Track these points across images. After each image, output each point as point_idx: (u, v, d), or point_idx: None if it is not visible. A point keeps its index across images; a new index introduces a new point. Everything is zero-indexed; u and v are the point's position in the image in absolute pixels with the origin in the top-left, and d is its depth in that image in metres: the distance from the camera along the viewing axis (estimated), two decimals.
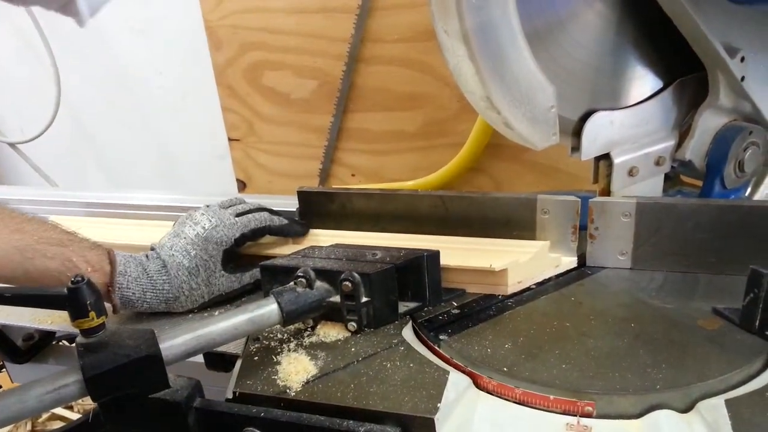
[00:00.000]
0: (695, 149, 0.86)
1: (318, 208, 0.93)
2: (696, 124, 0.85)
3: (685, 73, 0.85)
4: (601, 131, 0.81)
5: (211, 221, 0.80)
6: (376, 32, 1.37)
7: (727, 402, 0.54)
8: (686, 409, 0.56)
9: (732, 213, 0.73)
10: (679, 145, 0.87)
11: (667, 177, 0.90)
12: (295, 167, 1.61)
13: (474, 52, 0.68)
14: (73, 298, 0.55)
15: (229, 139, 1.65)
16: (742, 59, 0.80)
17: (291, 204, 0.95)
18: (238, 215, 0.83)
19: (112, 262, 0.74)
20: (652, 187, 0.87)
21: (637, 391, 0.56)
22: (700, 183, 0.89)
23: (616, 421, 0.56)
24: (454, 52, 0.69)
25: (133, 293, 0.75)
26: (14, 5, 0.54)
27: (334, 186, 1.56)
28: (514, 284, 0.75)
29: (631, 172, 0.84)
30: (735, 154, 0.85)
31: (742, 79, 0.81)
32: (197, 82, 1.63)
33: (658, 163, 0.86)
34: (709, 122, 0.85)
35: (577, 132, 0.80)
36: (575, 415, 0.57)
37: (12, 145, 1.95)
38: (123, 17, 1.68)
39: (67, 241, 0.73)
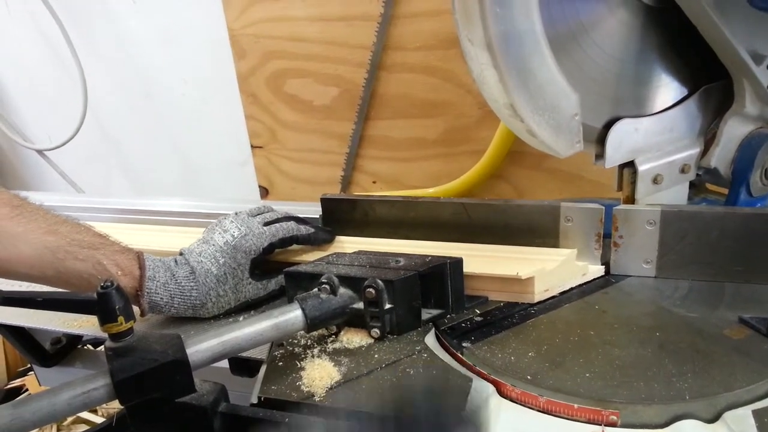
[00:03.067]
0: (720, 157, 0.85)
1: (341, 215, 0.93)
2: (721, 131, 0.84)
3: (711, 80, 0.85)
4: (626, 138, 0.80)
5: (240, 230, 0.81)
6: (397, 40, 1.37)
7: (755, 412, 0.53)
8: (712, 420, 0.55)
9: (758, 221, 0.73)
10: (704, 152, 0.86)
11: (692, 185, 0.89)
12: (316, 174, 1.62)
13: (498, 60, 0.68)
14: (103, 302, 0.56)
15: (252, 146, 1.66)
16: None
17: (313, 211, 0.96)
18: (267, 224, 0.83)
19: (141, 267, 0.75)
20: (676, 194, 0.86)
21: (663, 400, 0.56)
22: (725, 191, 0.88)
23: (641, 430, 0.56)
24: (478, 60, 0.69)
25: (161, 298, 0.76)
26: None
27: (355, 193, 1.57)
28: (540, 292, 0.75)
29: (656, 180, 0.83)
30: (761, 161, 0.84)
31: None
32: (221, 90, 1.65)
33: (683, 171, 0.86)
34: (734, 130, 0.84)
35: (601, 139, 0.80)
36: (600, 425, 0.56)
37: (40, 152, 1.99)
38: (148, 26, 1.70)
39: (98, 244, 0.74)
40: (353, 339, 0.70)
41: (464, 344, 0.67)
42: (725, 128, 0.84)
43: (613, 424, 0.56)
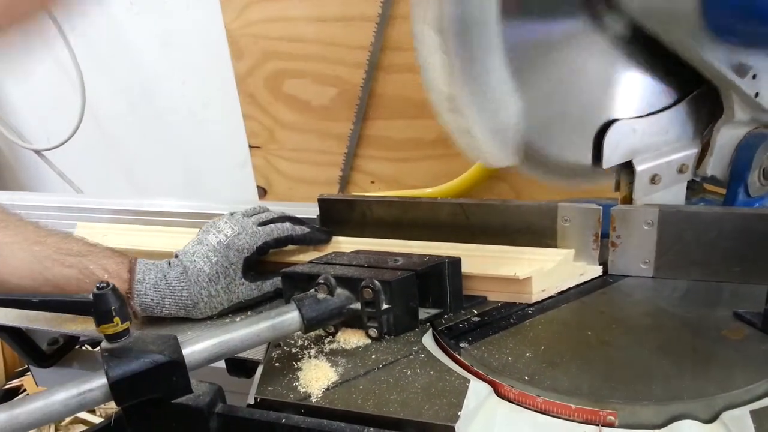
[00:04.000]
0: (716, 165, 0.84)
1: (338, 215, 0.93)
2: (714, 141, 0.83)
3: (701, 85, 0.84)
4: (623, 139, 0.80)
5: (233, 229, 0.81)
6: (396, 40, 1.37)
7: (752, 413, 0.53)
8: (710, 420, 0.55)
9: (756, 221, 0.72)
10: (699, 161, 0.86)
11: (690, 185, 0.89)
12: (315, 174, 1.62)
13: (448, 45, 0.63)
14: (98, 303, 0.56)
15: (250, 147, 1.66)
16: (754, 76, 0.78)
17: (311, 211, 0.96)
18: (262, 224, 0.83)
19: (131, 270, 0.76)
20: (674, 195, 0.86)
21: (660, 400, 0.56)
22: (723, 191, 0.88)
23: (639, 431, 0.55)
24: (427, 42, 0.64)
25: (151, 299, 0.76)
26: None
27: (353, 193, 1.56)
28: (538, 292, 0.75)
29: (654, 180, 0.83)
30: (759, 161, 0.84)
31: (756, 95, 0.79)
32: (219, 91, 1.65)
33: (680, 171, 0.85)
34: (728, 138, 0.83)
35: (598, 141, 0.80)
36: (597, 425, 0.56)
37: (38, 152, 1.99)
38: (146, 26, 1.70)
39: (86, 251, 0.76)
40: (350, 339, 0.70)
41: (461, 345, 0.67)
42: (718, 137, 0.83)
43: (610, 425, 0.56)
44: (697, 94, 0.83)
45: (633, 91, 0.81)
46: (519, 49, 0.70)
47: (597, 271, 0.80)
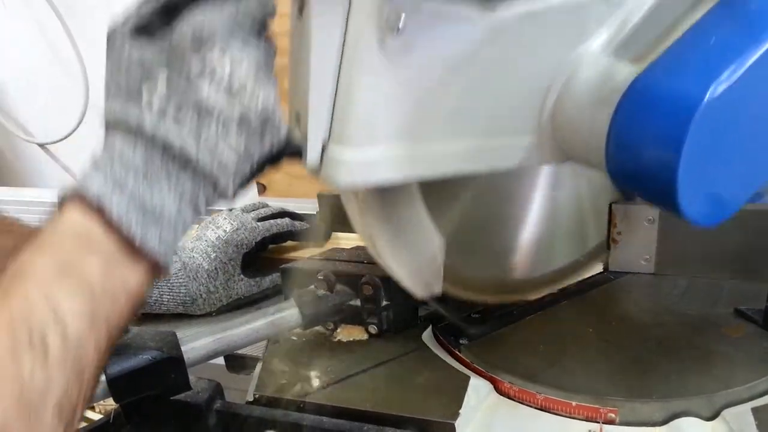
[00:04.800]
0: None
1: (338, 211, 0.93)
2: None
3: None
4: None
5: (232, 225, 0.80)
6: None
7: (754, 410, 0.53)
8: (711, 417, 0.55)
9: (758, 218, 0.72)
10: None
11: None
12: None
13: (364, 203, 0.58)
14: None
15: None
16: None
17: (310, 207, 0.95)
18: (260, 219, 0.83)
19: None
20: None
21: (661, 397, 0.56)
22: None
23: (640, 428, 0.55)
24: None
25: (149, 295, 0.76)
26: None
27: None
28: None
29: None
30: None
31: None
32: None
33: None
34: None
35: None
36: (598, 422, 0.56)
37: (41, 145, 1.98)
38: None
39: None
40: (350, 336, 0.70)
41: (462, 341, 0.67)
42: None
43: (611, 422, 0.56)
44: None
45: None
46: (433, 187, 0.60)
47: (597, 267, 0.79)
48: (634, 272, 0.79)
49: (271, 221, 0.83)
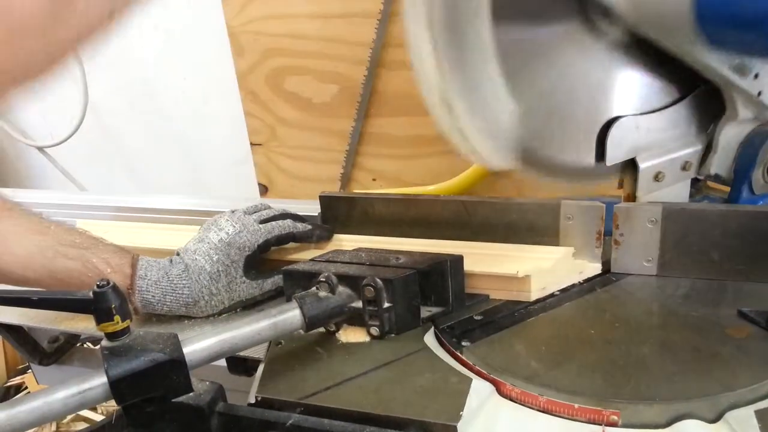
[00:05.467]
0: (720, 163, 0.84)
1: (340, 213, 0.93)
2: (717, 140, 0.82)
3: (704, 83, 0.83)
4: (627, 136, 0.80)
5: (234, 227, 0.80)
6: (397, 37, 1.36)
7: (757, 413, 0.53)
8: (714, 420, 0.55)
9: (761, 219, 0.72)
10: (703, 159, 0.85)
11: (693, 182, 0.88)
12: (316, 171, 1.62)
13: (438, 44, 0.62)
14: (99, 301, 0.55)
15: (251, 144, 1.66)
16: (756, 76, 0.77)
17: (312, 208, 0.95)
18: (263, 221, 0.83)
19: (133, 265, 0.75)
20: (678, 192, 0.86)
21: (664, 400, 0.55)
22: (727, 189, 0.87)
23: (642, 430, 0.55)
24: (418, 41, 0.63)
25: (153, 296, 0.76)
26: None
27: (355, 190, 1.56)
28: (537, 290, 0.74)
29: (657, 178, 0.83)
30: (763, 159, 0.83)
31: (759, 94, 0.79)
32: (220, 88, 1.64)
33: (684, 168, 0.85)
34: (730, 136, 0.82)
35: (601, 138, 0.79)
36: (600, 425, 0.56)
37: (40, 149, 1.98)
38: (148, 24, 1.69)
39: (89, 244, 0.75)
40: (352, 338, 0.70)
41: (464, 343, 0.66)
42: (721, 136, 0.82)
43: (613, 424, 0.56)
44: (700, 92, 0.83)
45: (634, 90, 0.81)
46: (512, 51, 0.69)
47: (597, 268, 0.79)
48: (636, 274, 0.79)
49: (273, 223, 0.83)
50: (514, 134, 0.68)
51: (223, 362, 0.73)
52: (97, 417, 1.57)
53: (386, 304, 0.68)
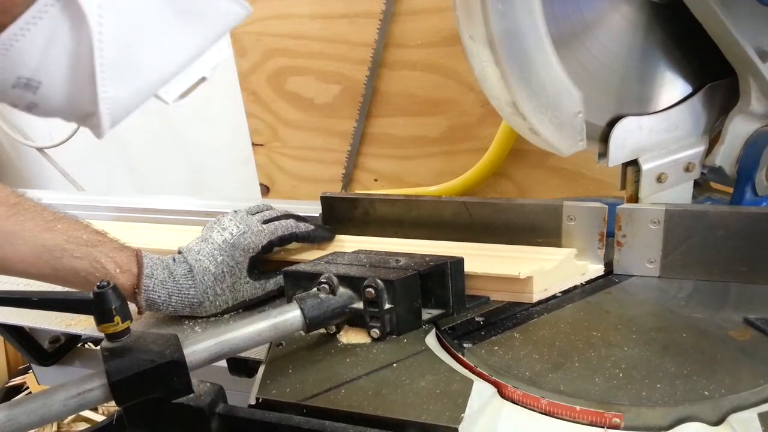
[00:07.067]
0: (725, 155, 0.84)
1: (341, 213, 0.92)
2: (726, 130, 0.83)
3: (716, 77, 0.84)
4: (630, 136, 0.80)
5: (238, 227, 0.80)
6: (399, 37, 1.36)
7: (760, 415, 0.52)
8: (717, 422, 0.55)
9: (764, 221, 0.72)
10: (708, 150, 0.85)
11: (696, 184, 0.88)
12: (318, 172, 1.62)
13: (499, 57, 0.67)
14: (99, 302, 0.55)
15: (253, 144, 1.66)
16: None
17: (314, 209, 0.95)
18: (266, 222, 0.83)
19: (139, 264, 0.75)
20: (681, 193, 0.86)
21: (667, 402, 0.55)
22: (730, 190, 0.87)
23: None
24: (479, 57, 0.69)
25: (158, 296, 0.75)
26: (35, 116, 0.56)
27: (357, 191, 1.56)
28: (539, 292, 0.74)
29: (660, 179, 0.82)
30: (766, 160, 0.83)
31: None
32: (222, 88, 1.64)
33: (687, 170, 0.85)
34: (739, 128, 0.83)
35: (604, 137, 0.79)
36: (602, 427, 0.55)
37: (40, 149, 1.99)
38: None
39: (96, 241, 0.74)
40: (353, 339, 0.70)
41: (465, 345, 0.66)
42: (730, 126, 0.83)
43: (616, 427, 0.55)
44: (712, 86, 0.83)
45: (647, 83, 0.81)
46: (564, 40, 0.73)
47: (599, 270, 0.79)
48: (639, 275, 0.79)
49: (276, 223, 0.83)
50: (582, 119, 0.74)
51: (223, 363, 0.73)
52: (98, 417, 1.57)
53: (387, 306, 0.68)
